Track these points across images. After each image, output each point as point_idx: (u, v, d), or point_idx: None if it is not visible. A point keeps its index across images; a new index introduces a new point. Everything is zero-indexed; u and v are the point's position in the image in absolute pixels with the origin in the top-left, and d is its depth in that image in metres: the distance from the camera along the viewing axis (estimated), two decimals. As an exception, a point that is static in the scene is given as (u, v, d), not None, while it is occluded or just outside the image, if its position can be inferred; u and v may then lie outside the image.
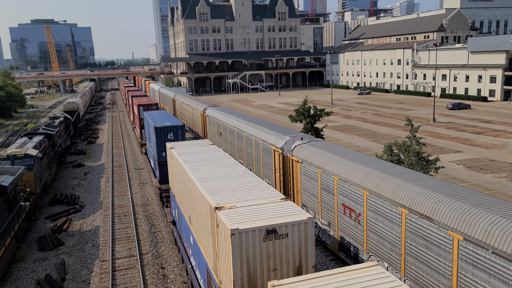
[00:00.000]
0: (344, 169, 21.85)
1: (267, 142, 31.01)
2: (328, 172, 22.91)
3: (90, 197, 38.10)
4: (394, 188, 18.33)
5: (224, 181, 16.71)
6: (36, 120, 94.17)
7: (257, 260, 12.55)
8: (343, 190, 21.75)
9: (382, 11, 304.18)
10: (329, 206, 23.42)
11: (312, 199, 25.33)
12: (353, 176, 20.97)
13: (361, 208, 20.44)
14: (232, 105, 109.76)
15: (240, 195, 14.97)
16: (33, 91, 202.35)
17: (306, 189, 25.86)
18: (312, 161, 24.58)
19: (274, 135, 30.41)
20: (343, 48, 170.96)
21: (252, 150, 34.49)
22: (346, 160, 22.50)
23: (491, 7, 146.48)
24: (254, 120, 38.09)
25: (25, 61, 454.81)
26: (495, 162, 45.15)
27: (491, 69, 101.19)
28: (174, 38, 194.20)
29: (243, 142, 36.90)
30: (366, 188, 19.83)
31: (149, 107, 51.45)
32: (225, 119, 42.09)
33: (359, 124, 72.98)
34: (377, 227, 19.42)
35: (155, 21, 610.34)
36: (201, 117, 51.69)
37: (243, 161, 37.33)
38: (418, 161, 31.46)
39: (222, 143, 43.85)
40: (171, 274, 23.59)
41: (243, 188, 15.76)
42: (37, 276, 23.97)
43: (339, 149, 25.07)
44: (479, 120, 72.66)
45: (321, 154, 24.34)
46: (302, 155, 25.89)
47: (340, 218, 22.51)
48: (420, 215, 16.57)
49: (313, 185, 24.81)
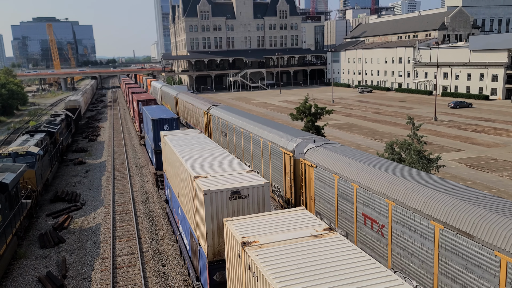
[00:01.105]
0: (365, 176, 20.18)
1: (276, 144, 29.52)
2: (346, 178, 21.30)
3: (91, 195, 38.16)
4: (424, 199, 16.59)
5: (204, 159, 19.99)
6: (37, 118, 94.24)
7: (225, 215, 15.50)
8: (364, 199, 20.06)
9: (383, 9, 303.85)
10: (347, 216, 21.69)
11: (327, 207, 23.69)
12: (376, 184, 19.32)
13: (385, 219, 18.72)
14: (233, 103, 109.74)
15: (216, 169, 18.23)
16: (35, 89, 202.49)
17: (320, 195, 24.26)
18: (328, 166, 22.99)
19: (284, 137, 28.95)
20: (344, 46, 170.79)
21: (260, 152, 32.99)
22: (367, 166, 20.84)
23: (493, 5, 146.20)
24: (261, 121, 36.43)
25: (27, 59, 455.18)
26: (496, 160, 45.11)
27: (493, 68, 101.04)
28: (175, 36, 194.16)
29: (250, 143, 35.33)
30: (392, 198, 18.11)
31: (147, 102, 55.02)
32: (231, 119, 40.63)
33: (360, 122, 72.95)
34: (404, 241, 17.63)
35: (156, 19, 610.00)
36: (204, 116, 50.20)
37: (250, 163, 35.66)
38: (419, 159, 31.45)
39: (227, 144, 42.13)
40: (171, 272, 23.62)
41: (219, 164, 19.05)
42: (38, 273, 24.02)
43: (357, 154, 23.55)
44: (480, 119, 72.58)
45: (338, 158, 22.72)
46: (316, 159, 24.38)
47: (360, 229, 20.77)
48: (458, 231, 14.79)
49: (329, 192, 23.16)
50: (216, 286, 15.61)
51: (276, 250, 11.03)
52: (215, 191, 15.39)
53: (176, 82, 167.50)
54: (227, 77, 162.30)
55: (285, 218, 13.42)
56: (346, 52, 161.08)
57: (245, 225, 12.92)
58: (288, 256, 10.67)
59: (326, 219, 23.84)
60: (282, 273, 9.87)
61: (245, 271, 11.67)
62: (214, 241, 15.74)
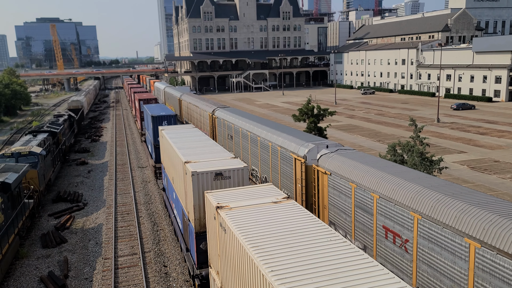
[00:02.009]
0: (386, 186, 18.65)
1: (286, 149, 27.87)
2: (364, 188, 19.78)
3: (94, 195, 38.22)
4: (457, 213, 15.10)
5: (195, 148, 22.66)
6: (40, 118, 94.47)
7: None
8: (385, 211, 18.51)
9: (387, 11, 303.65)
10: (365, 228, 20.15)
11: (342, 217, 22.06)
12: (399, 195, 17.76)
13: (409, 233, 17.19)
14: (235, 104, 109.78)
15: (204, 156, 20.93)
16: (38, 89, 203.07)
17: (334, 205, 22.68)
18: (344, 174, 21.42)
19: (295, 141, 27.32)
20: (347, 47, 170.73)
21: (269, 157, 31.39)
22: (388, 175, 19.32)
23: (497, 7, 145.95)
24: (270, 124, 34.82)
25: (30, 59, 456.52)
26: (499, 163, 45.01)
27: (496, 70, 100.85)
28: (179, 37, 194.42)
29: (257, 147, 33.69)
30: (418, 211, 16.53)
31: (148, 101, 58.60)
32: (237, 122, 38.96)
33: (362, 124, 72.88)
34: (432, 259, 16.07)
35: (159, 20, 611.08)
36: (209, 118, 48.45)
37: (257, 168, 34.04)
38: (422, 161, 31.42)
39: (233, 147, 40.41)
40: (173, 273, 23.64)
41: (207, 152, 21.80)
42: (40, 273, 24.07)
43: (375, 161, 22.01)
44: (483, 121, 72.44)
45: (355, 166, 21.19)
46: (330, 166, 22.80)
47: (380, 243, 19.22)
48: (498, 251, 13.30)
49: (344, 201, 21.62)
50: (202, 253, 18.78)
51: (241, 212, 13.81)
52: (201, 173, 18.13)
53: (179, 83, 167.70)
54: (230, 78, 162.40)
55: (254, 190, 16.16)
56: (349, 53, 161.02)
57: (220, 196, 15.62)
58: (250, 216, 13.44)
59: (341, 230, 22.22)
60: (243, 226, 12.62)
61: (218, 228, 14.37)
62: (200, 215, 18.46)
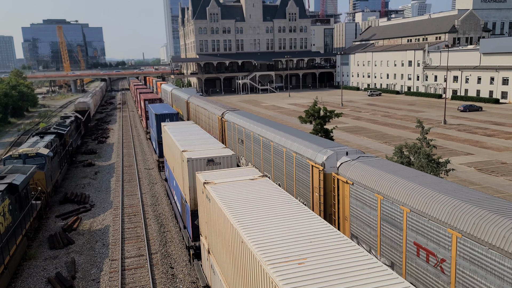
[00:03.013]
0: (418, 199, 17.04)
1: (302, 155, 26.46)
2: (392, 200, 18.22)
3: (100, 196, 38.34)
4: (505, 232, 13.40)
5: (192, 140, 25.96)
6: (47, 120, 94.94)
7: None
8: (417, 226, 16.87)
9: (393, 12, 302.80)
10: (392, 243, 18.63)
11: (366, 230, 20.59)
12: (434, 209, 16.13)
13: (446, 253, 15.55)
14: (242, 105, 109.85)
15: (199, 146, 24.16)
16: (45, 91, 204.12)
17: (357, 217, 21.24)
18: (369, 184, 19.96)
19: (312, 147, 25.92)
20: (353, 49, 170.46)
21: (283, 164, 29.84)
22: (419, 187, 17.68)
23: (504, 8, 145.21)
24: (283, 128, 33.31)
25: (37, 61, 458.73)
26: (506, 164, 44.76)
27: (503, 71, 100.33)
28: (185, 38, 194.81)
29: (270, 153, 32.23)
30: (457, 228, 15.02)
31: (153, 101, 63.73)
32: (248, 126, 37.49)
33: (369, 125, 72.71)
34: (474, 283, 14.48)
35: (165, 22, 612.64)
36: (219, 122, 47.01)
37: (270, 174, 32.53)
38: (428, 163, 31.31)
39: (244, 152, 39.12)
40: (180, 274, 23.67)
41: (202, 143, 25.08)
42: (47, 274, 24.17)
43: (402, 170, 20.37)
44: (490, 122, 72.07)
45: (381, 176, 19.72)
46: (352, 175, 21.34)
47: (410, 261, 17.57)
48: None
49: (369, 213, 20.11)
50: (196, 228, 21.95)
51: (224, 186, 16.74)
52: (195, 159, 21.33)
53: (185, 84, 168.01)
54: (236, 80, 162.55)
55: (237, 171, 19.19)
56: (355, 55, 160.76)
57: (208, 175, 18.62)
58: (230, 188, 16.42)
59: (365, 244, 20.68)
60: (223, 196, 15.56)
61: (205, 200, 17.36)
62: (195, 195, 21.53)
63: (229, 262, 14.02)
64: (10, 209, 23.68)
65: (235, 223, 12.89)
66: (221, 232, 14.93)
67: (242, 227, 12.55)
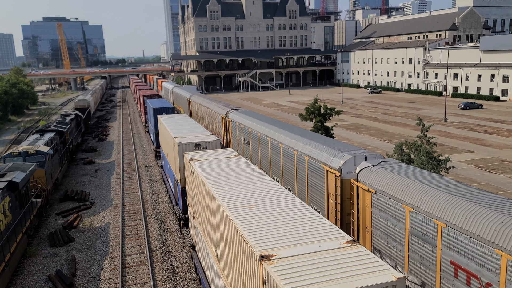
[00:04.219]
0: (456, 213, 15.17)
1: (315, 159, 24.66)
2: (424, 213, 16.33)
3: (101, 194, 38.36)
4: None
5: (184, 129, 29.51)
6: (47, 117, 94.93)
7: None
8: (455, 244, 14.96)
9: (393, 10, 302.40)
10: (424, 260, 16.69)
11: (391, 245, 18.79)
12: (478, 226, 14.22)
13: (493, 276, 13.66)
14: (242, 103, 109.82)
15: (189, 133, 27.61)
16: (45, 88, 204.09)
17: (380, 229, 19.49)
18: (394, 194, 18.16)
19: (326, 151, 24.13)
20: (354, 46, 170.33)
21: (293, 167, 28.09)
22: (455, 198, 15.67)
23: (505, 5, 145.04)
24: (294, 130, 31.37)
25: (37, 59, 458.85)
26: (507, 162, 44.75)
27: (504, 68, 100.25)
28: (185, 36, 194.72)
29: (279, 155, 30.45)
30: (507, 250, 13.03)
31: (151, 96, 67.74)
32: (255, 126, 35.67)
33: (369, 123, 72.69)
34: None
35: (165, 19, 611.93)
36: (222, 121, 45.44)
37: (279, 178, 31.18)
38: (429, 160, 31.31)
39: (250, 154, 37.32)
40: (180, 271, 23.69)
41: (192, 131, 28.49)
42: (48, 271, 24.19)
43: (432, 178, 18.29)
44: (491, 120, 72.05)
45: (409, 185, 17.89)
46: (375, 183, 19.59)
47: (446, 281, 15.66)
48: None
49: (395, 226, 18.30)
50: (185, 203, 25.08)
51: (204, 162, 19.63)
52: (185, 143, 24.51)
53: (185, 82, 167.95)
54: (236, 77, 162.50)
55: (217, 151, 22.28)
56: (355, 52, 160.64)
57: (193, 154, 21.57)
58: (210, 164, 19.28)
59: (390, 259, 19.02)
60: (203, 169, 18.36)
61: (190, 174, 20.22)
62: (184, 174, 24.00)
63: (207, 219, 17.13)
64: (10, 207, 23.69)
65: (209, 185, 16.06)
66: (201, 196, 17.93)
67: (214, 187, 15.80)
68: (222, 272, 14.86)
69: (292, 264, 9.67)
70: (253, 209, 13.32)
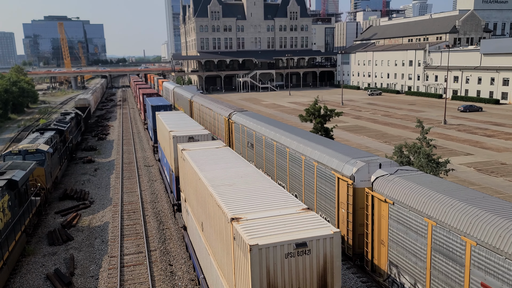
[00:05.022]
0: (487, 230, 13.68)
1: (325, 165, 23.58)
2: (449, 228, 15.05)
3: (100, 193, 38.36)
4: None
5: (179, 124, 31.91)
6: (47, 116, 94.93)
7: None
8: (487, 264, 13.62)
9: (394, 12, 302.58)
10: (449, 280, 15.46)
11: (411, 260, 17.41)
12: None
13: None
14: (243, 103, 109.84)
15: (184, 128, 30.18)
16: (45, 87, 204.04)
17: (398, 242, 18.16)
18: (415, 206, 16.80)
19: (338, 157, 23.00)
20: (354, 48, 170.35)
21: (301, 173, 27.02)
22: (487, 214, 14.22)
23: (505, 9, 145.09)
24: (302, 134, 30.23)
25: (38, 57, 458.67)
26: (506, 165, 44.78)
27: (504, 72, 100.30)
28: (186, 36, 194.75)
29: (285, 160, 29.41)
30: None
31: (150, 95, 71.38)
32: (259, 129, 34.64)
33: (369, 124, 72.72)
34: None
35: (166, 19, 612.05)
36: (225, 123, 44.31)
37: (285, 184, 29.78)
38: (428, 163, 31.34)
39: (254, 157, 36.10)
40: (178, 271, 23.69)
41: (187, 126, 30.99)
42: (46, 270, 24.19)
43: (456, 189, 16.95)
44: (490, 123, 72.08)
45: (432, 196, 16.44)
46: (392, 193, 18.31)
47: None
48: None
49: (415, 240, 16.98)
50: (178, 190, 27.11)
51: (195, 151, 21.98)
52: (179, 136, 27.11)
53: (186, 82, 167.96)
54: (236, 78, 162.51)
55: (207, 143, 24.53)
56: (356, 54, 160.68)
57: (185, 145, 23.80)
58: (199, 153, 21.59)
59: (408, 275, 17.80)
60: (193, 156, 20.77)
61: (182, 162, 22.66)
62: (178, 164, 26.11)
63: (195, 199, 19.23)
64: (9, 205, 23.70)
65: (196, 169, 18.48)
66: (190, 180, 20.13)
67: (200, 170, 18.23)
68: (206, 242, 17.43)
69: (255, 223, 12.23)
70: (231, 187, 15.75)
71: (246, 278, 11.56)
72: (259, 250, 11.12)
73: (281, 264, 11.38)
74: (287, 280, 11.55)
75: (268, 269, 11.31)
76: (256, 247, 11.07)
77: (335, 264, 11.81)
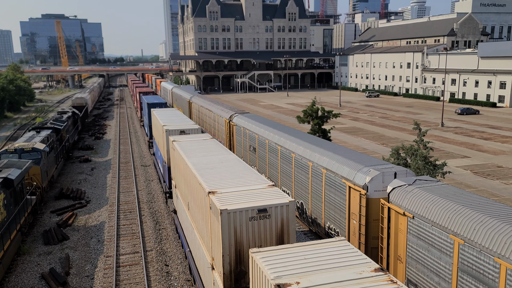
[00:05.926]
0: None
1: (335, 173, 22.13)
2: (480, 248, 13.66)
3: (96, 193, 38.23)
4: None
5: (172, 120, 33.96)
6: (44, 115, 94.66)
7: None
8: None
9: (393, 14, 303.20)
10: None
11: (433, 280, 15.97)
12: None
13: None
14: (240, 104, 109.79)
15: (176, 123, 32.42)
16: (42, 86, 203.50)
17: (418, 260, 16.68)
18: (439, 221, 15.41)
19: (348, 164, 21.58)
20: (352, 50, 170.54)
21: (307, 180, 25.56)
22: None
23: (503, 12, 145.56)
24: (308, 138, 28.69)
25: (35, 56, 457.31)
26: (502, 168, 44.85)
27: (501, 75, 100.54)
28: (184, 36, 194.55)
29: (290, 166, 27.90)
30: None
31: (147, 93, 74.15)
32: (262, 132, 33.09)
33: (366, 126, 72.77)
34: None
35: (165, 19, 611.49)
36: (226, 125, 42.79)
37: (290, 191, 28.31)
38: (425, 165, 31.32)
39: (256, 162, 34.53)
40: (174, 272, 23.61)
41: (179, 122, 33.26)
42: (41, 269, 24.07)
43: (485, 203, 15.59)
44: (487, 126, 72.23)
45: (458, 211, 15.12)
46: (411, 206, 16.84)
47: None
48: None
49: (439, 259, 15.52)
50: (170, 180, 29.67)
51: (184, 142, 24.10)
52: (171, 130, 29.51)
53: (184, 82, 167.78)
54: (234, 78, 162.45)
55: (196, 136, 26.31)
56: (354, 56, 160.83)
57: (176, 137, 25.83)
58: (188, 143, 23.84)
59: None
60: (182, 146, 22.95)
61: (173, 151, 24.95)
62: (170, 156, 27.89)
63: (182, 182, 21.57)
64: (4, 203, 23.58)
65: (184, 156, 20.78)
66: (179, 166, 22.43)
67: (187, 157, 20.48)
68: (191, 218, 19.87)
69: (227, 196, 15.02)
70: (212, 170, 18.41)
71: (218, 238, 14.15)
72: (228, 214, 13.74)
73: (246, 226, 13.99)
74: (251, 239, 14.17)
75: (235, 229, 13.92)
76: (226, 211, 13.70)
77: (291, 227, 14.48)
